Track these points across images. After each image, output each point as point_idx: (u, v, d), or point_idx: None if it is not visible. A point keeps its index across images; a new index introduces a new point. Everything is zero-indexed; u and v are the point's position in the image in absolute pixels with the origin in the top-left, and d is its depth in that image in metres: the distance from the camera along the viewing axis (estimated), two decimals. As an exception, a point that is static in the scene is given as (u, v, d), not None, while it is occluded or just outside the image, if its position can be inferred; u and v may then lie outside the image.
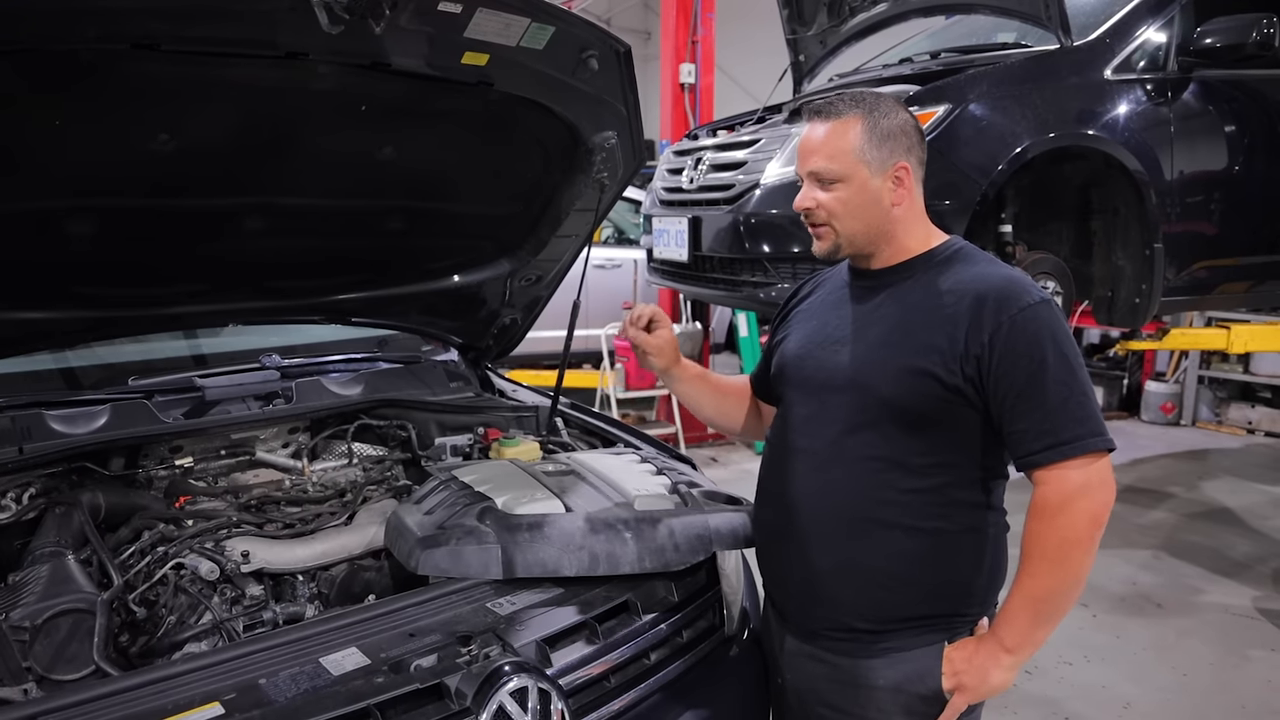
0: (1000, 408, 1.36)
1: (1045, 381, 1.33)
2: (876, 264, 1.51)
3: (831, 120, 1.45)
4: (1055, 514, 1.33)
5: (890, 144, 1.44)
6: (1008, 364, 1.34)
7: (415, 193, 2.04)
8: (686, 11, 6.08)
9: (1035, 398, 1.33)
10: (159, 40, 1.38)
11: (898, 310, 1.46)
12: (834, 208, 1.46)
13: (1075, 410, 1.33)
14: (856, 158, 1.43)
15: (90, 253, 1.75)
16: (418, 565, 1.51)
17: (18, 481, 1.68)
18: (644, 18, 14.26)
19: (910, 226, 1.49)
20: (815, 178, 1.47)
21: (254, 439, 2.04)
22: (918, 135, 1.48)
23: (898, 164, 1.44)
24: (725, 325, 7.97)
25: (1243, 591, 3.90)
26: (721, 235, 3.63)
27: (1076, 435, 1.32)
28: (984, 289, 1.38)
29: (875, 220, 1.46)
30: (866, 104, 1.45)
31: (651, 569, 1.55)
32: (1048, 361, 1.33)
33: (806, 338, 1.58)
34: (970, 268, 1.45)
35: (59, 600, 1.30)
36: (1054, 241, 3.50)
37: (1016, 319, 1.34)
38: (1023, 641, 1.38)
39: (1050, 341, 1.34)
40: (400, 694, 1.21)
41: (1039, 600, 1.36)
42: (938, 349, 1.38)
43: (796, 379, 1.57)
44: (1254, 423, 6.66)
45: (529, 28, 1.61)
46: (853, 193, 1.44)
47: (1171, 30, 3.36)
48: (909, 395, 1.40)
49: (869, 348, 1.47)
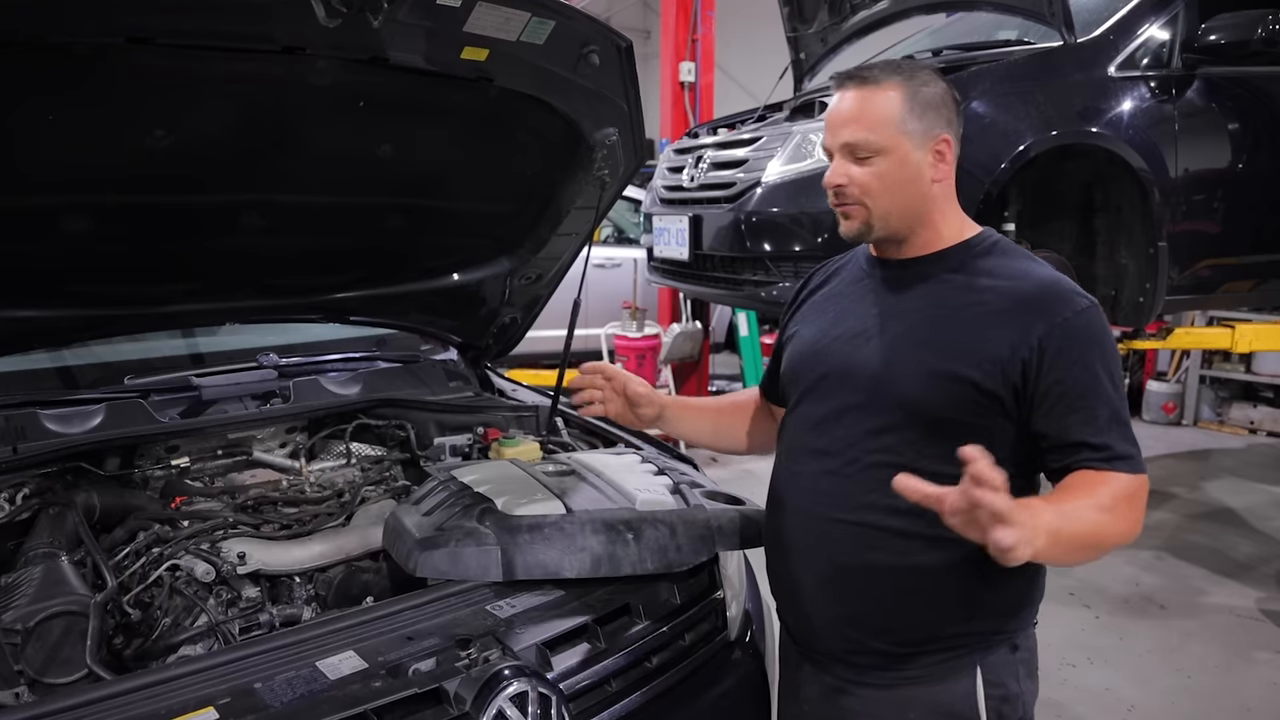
0: (1047, 416, 1.25)
1: (1097, 392, 1.23)
2: (907, 252, 1.38)
3: (868, 87, 1.32)
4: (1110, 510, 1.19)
5: (933, 114, 1.31)
6: (1060, 370, 1.23)
7: (414, 190, 2.02)
8: (686, 10, 6.07)
9: (1087, 409, 1.23)
10: (155, 34, 1.36)
11: (930, 304, 1.34)
12: (869, 183, 1.32)
13: (1124, 429, 1.24)
14: (898, 129, 1.30)
15: (85, 250, 1.73)
16: (416, 567, 1.49)
17: (11, 481, 1.67)
18: (644, 16, 14.25)
19: (945, 210, 1.37)
20: (849, 150, 1.33)
21: (251, 439, 2.03)
22: (956, 107, 1.36)
23: (940, 136, 1.32)
24: (725, 324, 7.96)
25: (1246, 593, 3.88)
26: (722, 234, 3.62)
27: (1129, 454, 1.23)
28: (1031, 288, 1.28)
29: (913, 198, 1.34)
30: (905, 71, 1.33)
31: (653, 570, 1.53)
32: (1098, 371, 1.24)
33: (822, 331, 1.45)
34: (1012, 263, 1.34)
35: (52, 602, 1.28)
36: (1057, 240, 3.48)
37: (1072, 322, 1.24)
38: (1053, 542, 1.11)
39: (1102, 351, 1.25)
40: (398, 699, 1.19)
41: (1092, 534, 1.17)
42: (975, 351, 1.27)
43: (811, 375, 1.44)
44: (1256, 422, 6.64)
45: (529, 22, 1.59)
46: (892, 166, 1.31)
47: (1175, 27, 3.35)
48: (939, 399, 1.28)
49: (896, 344, 1.34)
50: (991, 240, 1.38)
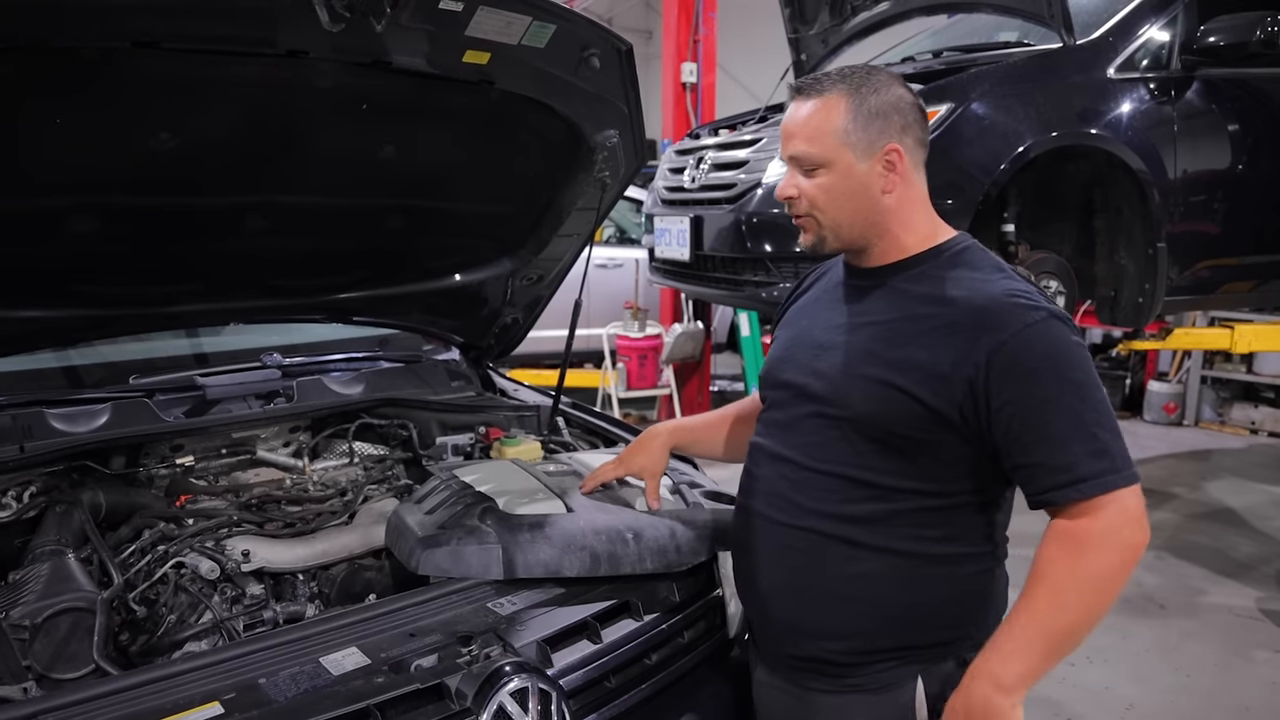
0: (1005, 439, 1.20)
1: (1054, 409, 1.17)
2: (870, 261, 1.36)
3: (813, 98, 1.30)
4: (1084, 550, 1.17)
5: (880, 123, 1.27)
6: (1009, 390, 1.18)
7: (416, 192, 2.03)
8: (688, 10, 6.07)
9: (1043, 429, 1.17)
10: (160, 38, 1.38)
11: (887, 316, 1.31)
12: (816, 196, 1.31)
13: (1090, 442, 1.17)
14: (840, 140, 1.27)
15: (91, 251, 1.75)
16: (418, 565, 1.50)
17: (18, 480, 1.68)
18: (646, 17, 14.25)
19: (907, 218, 1.33)
20: (796, 163, 1.32)
21: (255, 438, 2.04)
22: (916, 114, 1.31)
23: (888, 146, 1.28)
24: (727, 325, 7.96)
25: (1246, 592, 3.88)
26: (723, 234, 3.63)
27: (1096, 472, 1.16)
28: (984, 302, 1.23)
29: (863, 210, 1.30)
30: (854, 80, 1.29)
31: (653, 569, 1.54)
32: (1054, 386, 1.18)
33: (792, 338, 1.46)
34: (972, 274, 1.28)
35: (59, 599, 1.30)
36: (1057, 241, 3.49)
37: (1021, 336, 1.19)
38: (1024, 680, 1.19)
39: (1058, 363, 1.18)
40: (400, 694, 1.20)
41: (1057, 634, 1.18)
42: (920, 365, 1.23)
43: (777, 382, 1.45)
44: (1257, 423, 6.64)
45: (530, 26, 1.60)
46: (837, 179, 1.29)
47: (1174, 29, 3.35)
48: (884, 413, 1.26)
49: (850, 355, 1.32)
50: (959, 248, 1.34)
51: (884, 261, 1.36)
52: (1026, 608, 1.19)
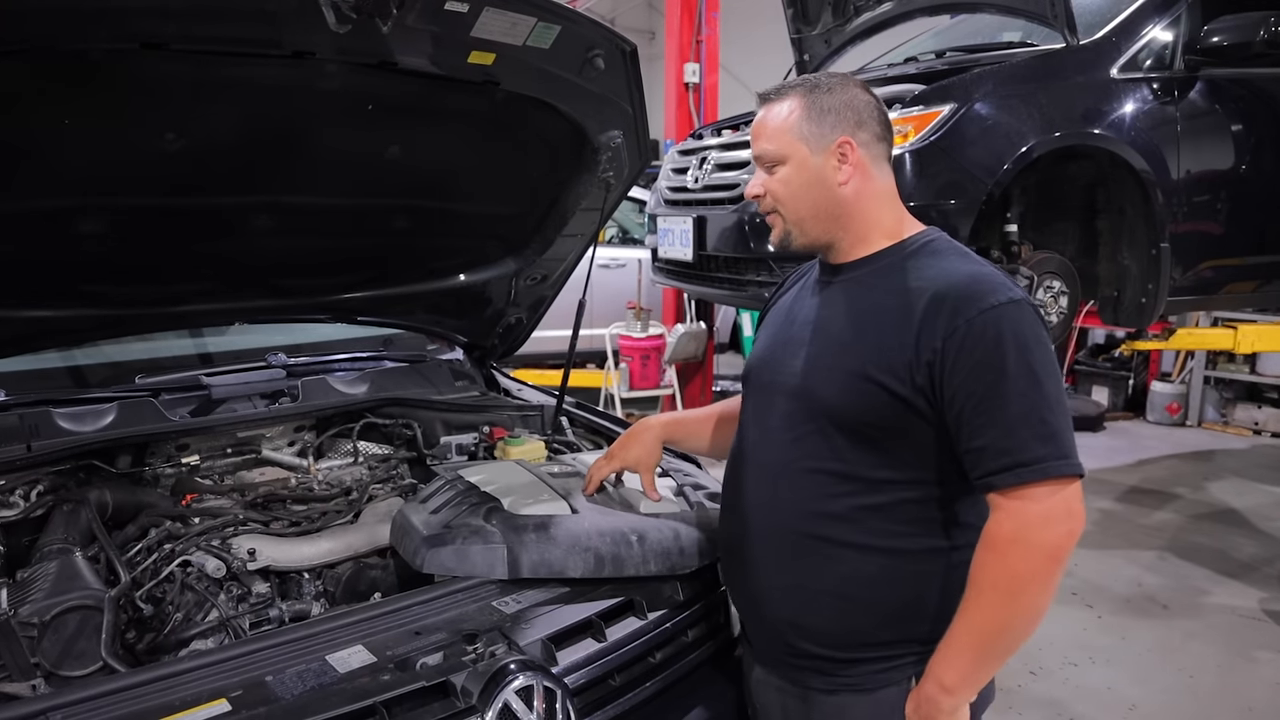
0: (956, 421, 1.22)
1: (1005, 392, 1.18)
2: (839, 257, 1.40)
3: (774, 102, 1.39)
4: (1009, 545, 1.19)
5: (831, 118, 1.34)
6: (963, 372, 1.20)
7: (421, 192, 2.04)
8: (691, 11, 6.08)
9: (992, 411, 1.19)
10: (167, 40, 1.39)
11: (855, 309, 1.35)
12: (777, 190, 1.38)
13: (1038, 427, 1.18)
14: (793, 135, 1.35)
15: (97, 251, 1.76)
16: (423, 564, 1.51)
17: (26, 479, 1.69)
18: (649, 17, 14.25)
19: (869, 213, 1.37)
20: (760, 162, 1.40)
21: (260, 437, 2.05)
22: (871, 111, 1.36)
23: (839, 139, 1.34)
24: (730, 325, 7.97)
25: (1249, 593, 3.88)
26: (726, 234, 3.63)
27: (1038, 457, 1.17)
28: (943, 287, 1.25)
29: (822, 202, 1.36)
30: (810, 83, 1.38)
31: (657, 572, 1.55)
32: (1008, 370, 1.19)
33: (770, 339, 1.50)
34: (935, 262, 1.31)
35: (67, 597, 1.30)
36: (1060, 241, 3.49)
37: (975, 321, 1.20)
38: (964, 681, 1.24)
39: (1013, 347, 1.19)
40: (406, 691, 1.21)
41: (987, 636, 1.23)
42: (887, 353, 1.26)
43: (756, 383, 1.48)
44: (1260, 423, 6.63)
45: (535, 27, 1.61)
46: (793, 172, 1.36)
47: (1178, 29, 3.35)
48: (855, 404, 1.28)
49: (820, 350, 1.36)
50: (925, 240, 1.37)
51: (852, 257, 1.40)
52: (961, 611, 1.24)
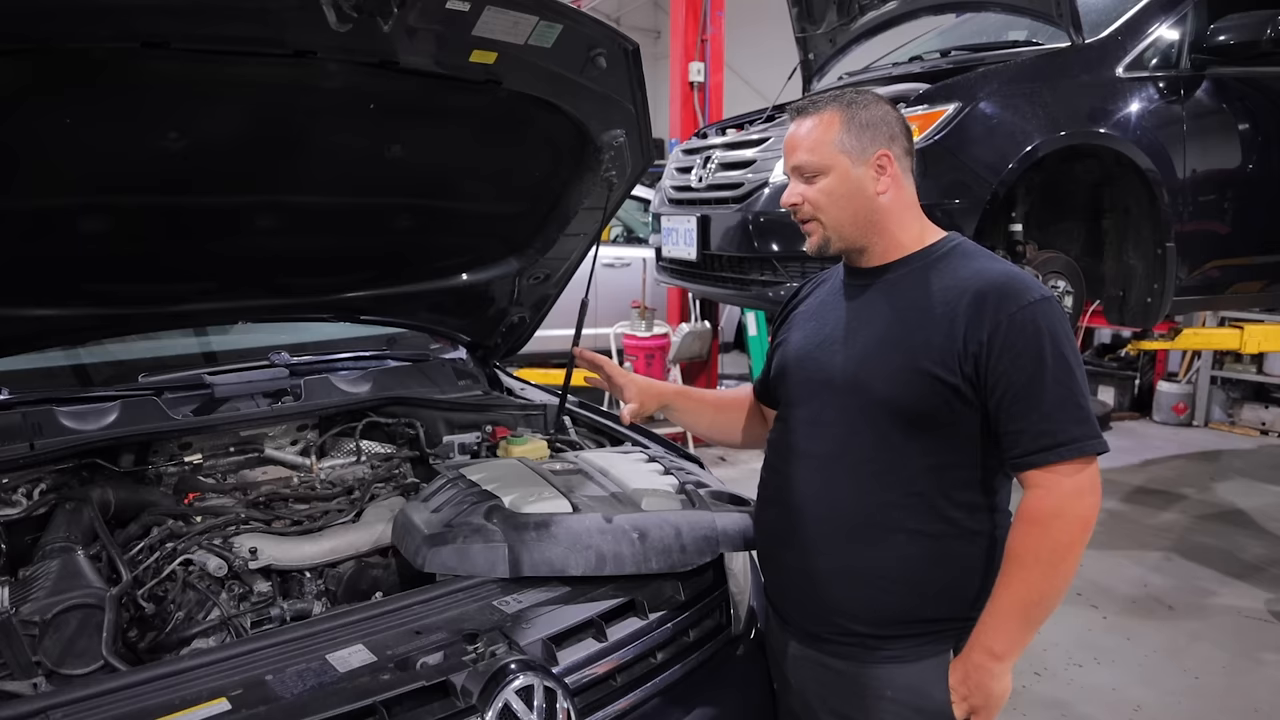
0: (998, 407, 1.35)
1: (1044, 381, 1.32)
2: (870, 261, 1.50)
3: (811, 116, 1.47)
4: (1050, 519, 1.32)
5: (870, 133, 1.44)
6: (1006, 362, 1.33)
7: (423, 191, 2.04)
8: (696, 10, 6.07)
9: (1033, 398, 1.32)
10: (169, 39, 1.39)
11: (891, 308, 1.45)
12: (818, 200, 1.46)
13: (1074, 411, 1.32)
14: (836, 148, 1.44)
15: (100, 250, 1.76)
16: (425, 563, 1.51)
17: (28, 477, 1.70)
18: (653, 16, 14.25)
19: (901, 220, 1.48)
20: (799, 172, 1.48)
21: (262, 436, 2.05)
22: (900, 127, 1.48)
23: (879, 152, 1.44)
24: (734, 324, 7.96)
25: (1255, 594, 3.86)
26: (730, 234, 3.63)
27: (1074, 437, 1.31)
28: (984, 285, 1.37)
29: (861, 210, 1.46)
30: (845, 98, 1.47)
31: (658, 570, 1.54)
32: (1047, 361, 1.32)
33: (806, 339, 1.57)
34: (969, 263, 1.43)
35: (69, 595, 1.31)
36: (1065, 240, 3.48)
37: (1016, 316, 1.33)
38: (1012, 646, 1.37)
39: (1050, 340, 1.33)
40: (406, 691, 1.21)
41: (1031, 605, 1.35)
42: (935, 347, 1.37)
43: (796, 381, 1.56)
44: (1267, 424, 6.60)
45: (537, 25, 1.61)
46: (836, 182, 1.45)
47: (1184, 27, 3.34)
48: (907, 395, 1.39)
49: (865, 347, 1.46)
50: (952, 244, 1.48)
51: (884, 260, 1.50)
52: (1004, 583, 1.36)
